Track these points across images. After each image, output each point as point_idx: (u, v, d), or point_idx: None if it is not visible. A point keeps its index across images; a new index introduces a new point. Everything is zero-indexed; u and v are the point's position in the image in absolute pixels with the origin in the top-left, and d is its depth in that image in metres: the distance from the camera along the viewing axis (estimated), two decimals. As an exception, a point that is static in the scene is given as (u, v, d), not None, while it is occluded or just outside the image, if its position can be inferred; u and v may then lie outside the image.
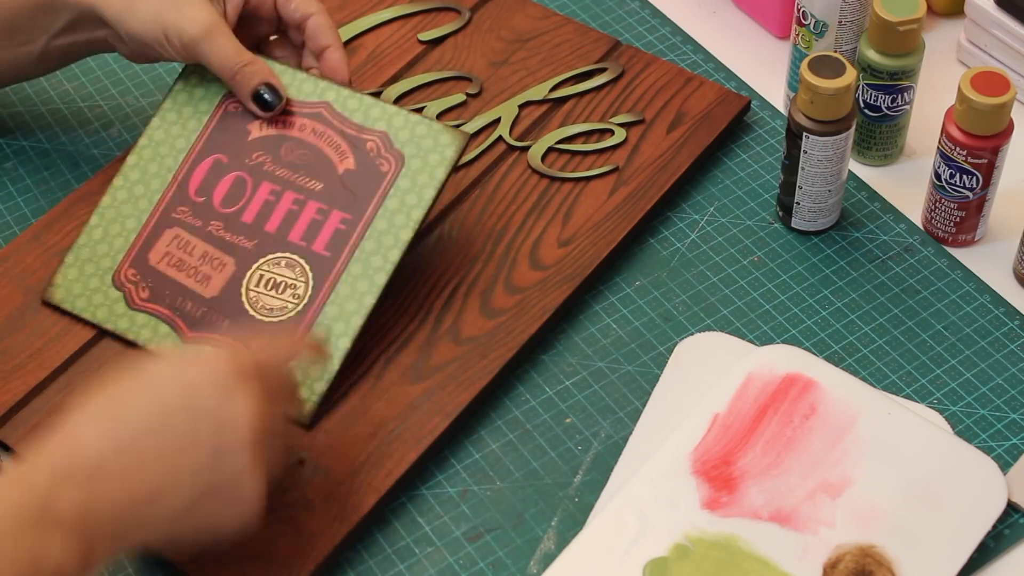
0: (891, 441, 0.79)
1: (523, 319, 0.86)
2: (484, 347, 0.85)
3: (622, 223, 0.91)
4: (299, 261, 0.84)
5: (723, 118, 0.96)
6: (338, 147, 0.86)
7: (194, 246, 0.85)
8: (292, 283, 0.84)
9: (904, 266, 0.90)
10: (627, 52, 1.01)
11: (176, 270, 0.85)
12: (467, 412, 0.82)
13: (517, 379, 0.85)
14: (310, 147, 0.87)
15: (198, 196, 0.87)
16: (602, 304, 0.89)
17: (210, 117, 0.88)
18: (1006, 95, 0.85)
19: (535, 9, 1.03)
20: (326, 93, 0.88)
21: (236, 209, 0.86)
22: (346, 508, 0.78)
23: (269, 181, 0.86)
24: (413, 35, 1.01)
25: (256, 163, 0.87)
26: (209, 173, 0.87)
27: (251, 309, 0.84)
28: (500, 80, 0.99)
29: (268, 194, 0.86)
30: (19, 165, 0.97)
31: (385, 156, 0.85)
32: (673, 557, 0.75)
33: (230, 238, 0.85)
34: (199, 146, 0.88)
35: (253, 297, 0.84)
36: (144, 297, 0.85)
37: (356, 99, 0.87)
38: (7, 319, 0.86)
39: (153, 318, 0.84)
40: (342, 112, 0.87)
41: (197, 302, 0.84)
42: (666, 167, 0.94)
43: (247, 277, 0.84)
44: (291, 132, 0.87)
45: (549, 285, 0.88)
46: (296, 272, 0.84)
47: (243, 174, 0.87)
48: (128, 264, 0.86)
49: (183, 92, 0.89)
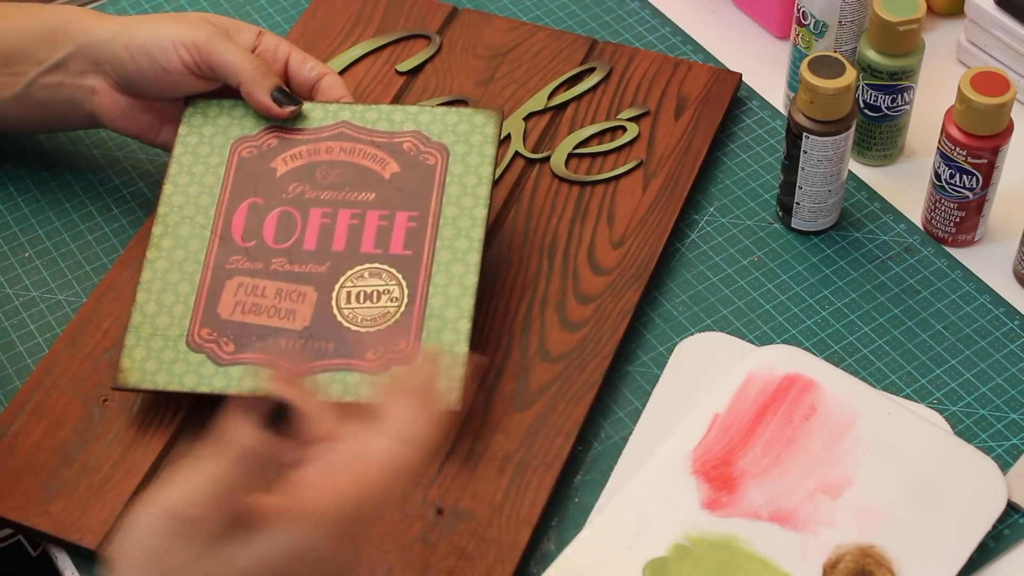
0: (891, 441, 0.79)
1: (606, 325, 0.86)
2: (579, 361, 0.84)
3: (667, 213, 0.91)
4: (383, 267, 0.82)
5: (723, 96, 0.98)
6: (374, 156, 0.85)
7: (264, 287, 0.82)
8: (384, 288, 0.81)
9: (904, 266, 0.90)
10: (608, 49, 1.01)
11: (254, 315, 0.81)
12: (582, 428, 0.82)
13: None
14: (345, 164, 0.85)
15: (246, 242, 0.83)
16: (602, 304, 0.89)
17: (226, 168, 0.86)
18: (1006, 95, 0.85)
19: (502, 22, 1.03)
20: (340, 113, 0.86)
21: (293, 242, 0.83)
22: (503, 548, 0.76)
23: (317, 207, 0.84)
24: (389, 67, 1.00)
25: (295, 195, 0.84)
26: (249, 217, 0.84)
27: (352, 325, 0.80)
28: (493, 97, 0.98)
29: (321, 218, 0.83)
30: (18, 166, 0.97)
31: (427, 151, 0.85)
32: (673, 557, 0.75)
33: (299, 269, 0.82)
34: (226, 197, 0.85)
35: (349, 314, 0.81)
36: (230, 350, 0.80)
37: (374, 110, 0.86)
38: (76, 432, 0.81)
39: (251, 367, 0.80)
40: (364, 125, 0.86)
41: (290, 338, 0.80)
42: (688, 152, 0.95)
43: (334, 298, 0.81)
44: (319, 157, 0.85)
45: (619, 287, 0.88)
46: (384, 278, 0.82)
47: (287, 208, 0.84)
48: (199, 325, 0.81)
49: (186, 155, 0.86)
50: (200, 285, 0.83)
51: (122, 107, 0.88)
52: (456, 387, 0.78)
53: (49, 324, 0.88)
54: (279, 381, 0.65)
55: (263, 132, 0.87)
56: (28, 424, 0.82)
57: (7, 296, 0.90)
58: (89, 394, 0.83)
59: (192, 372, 0.80)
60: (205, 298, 0.82)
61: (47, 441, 0.81)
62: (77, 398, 0.83)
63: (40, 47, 0.87)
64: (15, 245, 0.93)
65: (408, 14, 1.04)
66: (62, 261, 0.92)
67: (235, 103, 0.88)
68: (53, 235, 0.93)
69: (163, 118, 0.89)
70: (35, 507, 0.79)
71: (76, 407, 0.83)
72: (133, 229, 0.93)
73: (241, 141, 0.86)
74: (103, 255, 0.92)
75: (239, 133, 0.87)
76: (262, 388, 0.73)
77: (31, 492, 0.79)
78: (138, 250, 0.90)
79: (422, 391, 0.67)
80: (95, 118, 0.89)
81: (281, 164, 0.85)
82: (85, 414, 0.82)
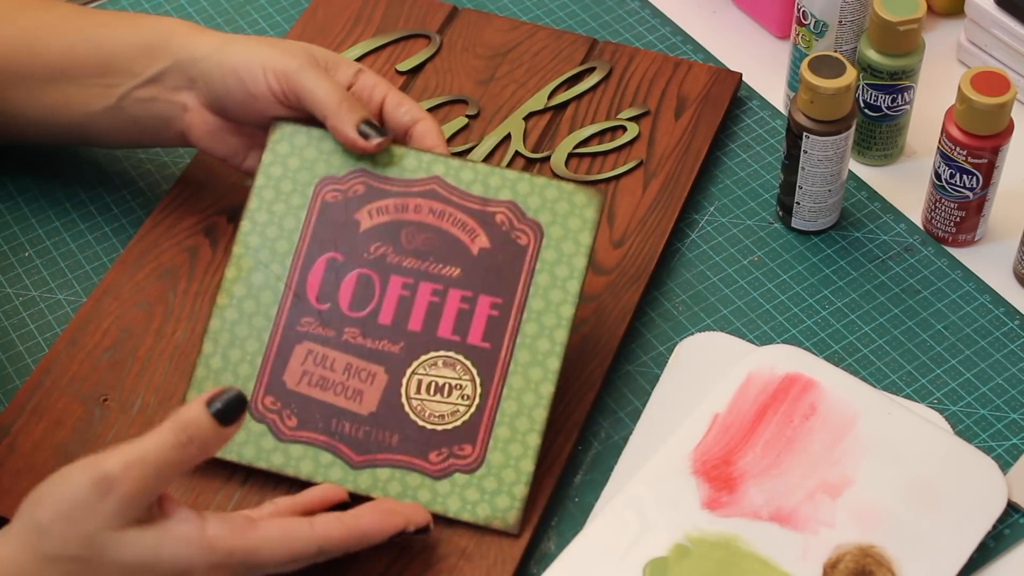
0: (891, 441, 0.79)
1: (606, 325, 0.85)
2: (579, 361, 0.84)
3: (667, 213, 0.91)
4: (458, 359, 0.77)
5: (723, 96, 0.98)
6: (464, 225, 0.79)
7: (333, 360, 0.78)
8: (457, 383, 0.77)
9: (904, 266, 0.90)
10: (608, 48, 1.01)
11: (320, 390, 0.78)
12: (582, 428, 0.82)
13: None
14: (433, 229, 0.79)
15: (321, 303, 0.79)
16: (602, 304, 0.89)
17: (307, 212, 0.80)
18: (1006, 95, 0.85)
19: (502, 22, 1.03)
20: (433, 167, 0.80)
21: (369, 311, 0.79)
22: (503, 548, 0.76)
23: (398, 274, 0.79)
24: (390, 67, 1.00)
25: (377, 256, 0.79)
26: (326, 275, 0.79)
27: (419, 419, 0.77)
28: (493, 97, 0.98)
29: (401, 288, 0.79)
30: (18, 166, 0.97)
31: (520, 228, 0.79)
32: (673, 557, 0.75)
33: (372, 345, 0.78)
34: (304, 246, 0.80)
35: (417, 406, 0.77)
36: (292, 426, 0.77)
37: (469, 169, 0.80)
38: (76, 432, 0.81)
39: (311, 448, 0.77)
40: (457, 185, 0.80)
41: (355, 422, 0.77)
42: (688, 151, 0.95)
43: (404, 385, 0.77)
44: (407, 216, 0.79)
45: (619, 287, 0.88)
46: (458, 370, 0.77)
47: (366, 271, 0.79)
48: (263, 391, 0.78)
49: (267, 188, 0.81)
50: (269, 346, 0.79)
51: (212, 127, 0.85)
52: (517, 507, 0.76)
53: (49, 324, 0.88)
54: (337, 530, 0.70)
55: (351, 175, 0.81)
56: (28, 424, 0.82)
57: (7, 296, 0.90)
58: (89, 394, 0.83)
59: (252, 443, 0.78)
60: (272, 361, 0.79)
61: (47, 441, 0.81)
62: (77, 398, 0.83)
63: (138, 59, 0.85)
64: (15, 245, 0.93)
65: (408, 14, 1.04)
66: (62, 261, 0.92)
67: (324, 134, 0.82)
68: (53, 235, 0.93)
69: (252, 143, 0.86)
70: (35, 507, 0.79)
71: (76, 407, 0.83)
72: (133, 229, 0.93)
73: (326, 182, 0.81)
74: (103, 255, 0.92)
75: (325, 172, 0.81)
76: (319, 475, 0.77)
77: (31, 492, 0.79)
78: (138, 250, 0.90)
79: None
80: (185, 136, 0.86)
81: (366, 218, 0.80)
82: (85, 414, 0.82)
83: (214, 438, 0.66)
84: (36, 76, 0.87)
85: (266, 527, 0.68)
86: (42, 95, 0.87)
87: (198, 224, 0.91)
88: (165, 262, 0.89)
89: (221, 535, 0.67)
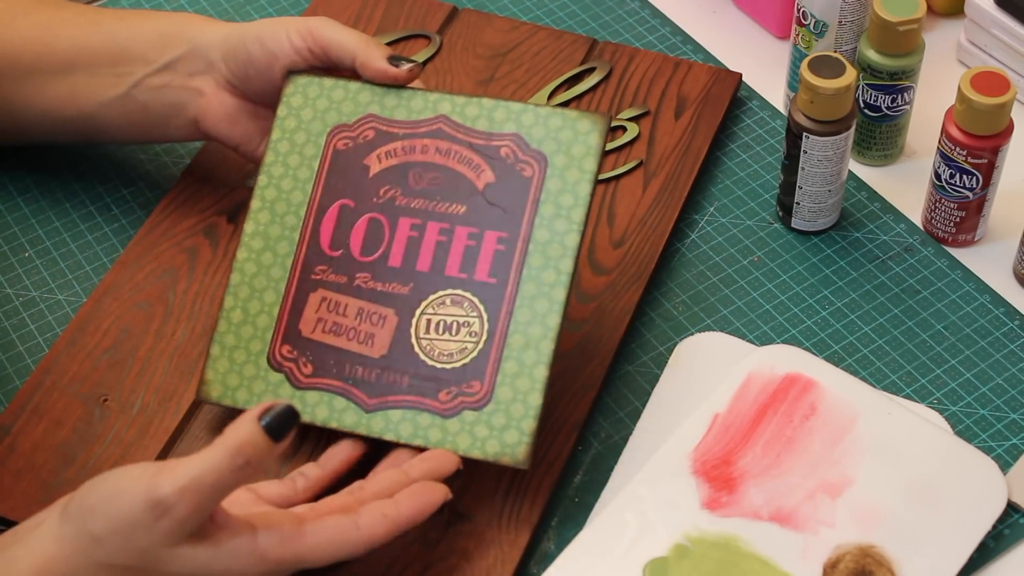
0: (891, 441, 0.79)
1: (606, 325, 0.85)
2: (579, 360, 0.84)
3: (666, 213, 0.91)
4: (465, 295, 0.78)
5: (723, 96, 0.98)
6: (470, 161, 0.80)
7: (345, 305, 0.79)
8: (465, 320, 0.77)
9: (904, 266, 0.90)
10: (608, 48, 1.01)
11: (334, 335, 0.79)
12: (582, 428, 0.82)
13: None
14: (440, 168, 0.80)
15: (333, 250, 0.80)
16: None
17: (320, 161, 0.82)
18: (1006, 95, 0.85)
19: (502, 22, 1.03)
20: (440, 105, 0.81)
21: (379, 255, 0.80)
22: (503, 548, 0.76)
23: (406, 216, 0.80)
24: None
25: (386, 200, 0.80)
26: (339, 222, 0.81)
27: (428, 359, 0.77)
28: (493, 97, 0.98)
29: (410, 230, 0.79)
30: (18, 166, 0.97)
31: (524, 160, 0.79)
32: (673, 557, 0.75)
33: (382, 288, 0.79)
34: (318, 195, 0.81)
35: (427, 345, 0.77)
36: (308, 373, 0.79)
37: (475, 104, 0.81)
38: (76, 432, 0.81)
39: (326, 394, 0.78)
40: (462, 122, 0.80)
41: (368, 365, 0.78)
42: (688, 152, 0.95)
43: (413, 326, 0.78)
44: (414, 157, 0.80)
45: (619, 287, 0.88)
46: (465, 308, 0.78)
47: (376, 215, 0.80)
48: (280, 341, 0.79)
49: (282, 141, 0.82)
50: (285, 296, 0.80)
51: (227, 109, 0.86)
52: (526, 442, 0.75)
53: (49, 324, 0.88)
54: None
55: (360, 121, 0.82)
56: (28, 424, 0.82)
57: (7, 296, 0.90)
58: (89, 394, 0.83)
59: (270, 393, 0.79)
60: (288, 311, 0.80)
61: (47, 441, 0.81)
62: (77, 398, 0.83)
63: (151, 48, 0.86)
64: (15, 245, 0.93)
65: (408, 14, 1.04)
66: (62, 261, 0.92)
67: (335, 83, 0.83)
68: (53, 235, 0.93)
69: (266, 128, 0.87)
70: (35, 507, 0.78)
71: (76, 407, 0.83)
72: (133, 229, 0.93)
73: (338, 130, 0.82)
74: (103, 255, 0.92)
75: (337, 120, 0.82)
76: (334, 420, 0.78)
77: (31, 492, 0.79)
78: (138, 250, 0.90)
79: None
80: (197, 123, 0.87)
81: (375, 162, 0.81)
82: (85, 414, 0.82)
83: (268, 457, 0.66)
84: (46, 68, 0.87)
85: (314, 533, 0.69)
86: (52, 87, 0.87)
87: (198, 224, 0.92)
88: (165, 262, 0.90)
89: (271, 546, 0.67)
